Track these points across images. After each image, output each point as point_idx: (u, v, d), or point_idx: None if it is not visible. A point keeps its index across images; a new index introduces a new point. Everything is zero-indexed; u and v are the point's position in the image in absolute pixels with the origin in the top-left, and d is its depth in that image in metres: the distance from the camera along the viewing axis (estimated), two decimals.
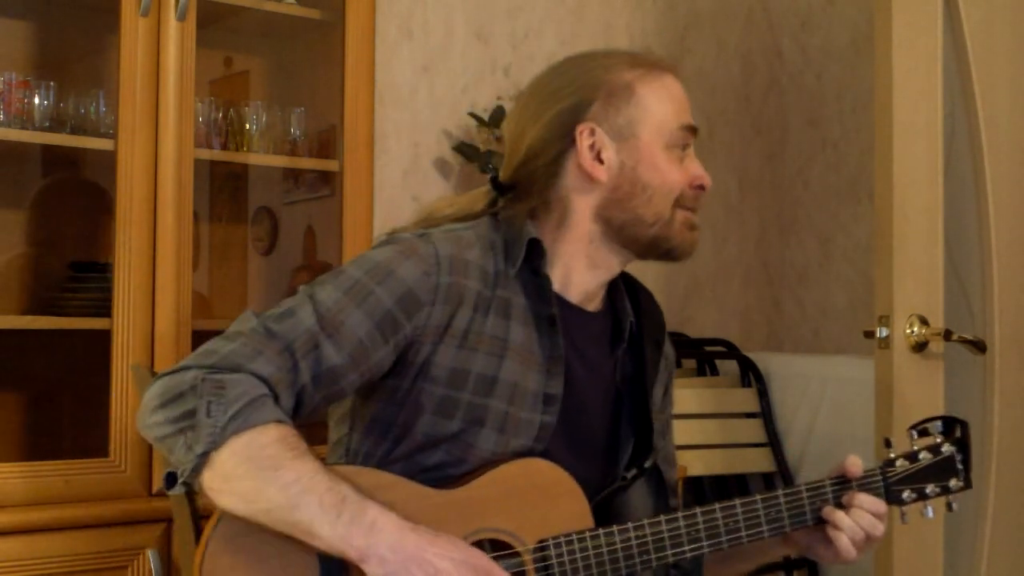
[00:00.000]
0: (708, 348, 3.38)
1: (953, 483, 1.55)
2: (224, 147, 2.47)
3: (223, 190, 2.67)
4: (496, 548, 1.40)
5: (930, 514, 1.55)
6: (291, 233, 2.71)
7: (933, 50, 2.43)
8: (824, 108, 3.47)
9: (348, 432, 1.50)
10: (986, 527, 2.55)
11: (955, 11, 2.53)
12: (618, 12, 3.34)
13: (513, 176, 1.54)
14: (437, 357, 1.42)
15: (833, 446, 3.04)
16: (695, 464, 3.05)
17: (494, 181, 1.56)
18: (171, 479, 1.30)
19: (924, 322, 2.36)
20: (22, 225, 2.43)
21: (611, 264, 1.54)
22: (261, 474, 1.26)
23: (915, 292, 2.37)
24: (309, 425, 1.41)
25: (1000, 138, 2.59)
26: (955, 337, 2.40)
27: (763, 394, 3.24)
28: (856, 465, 1.52)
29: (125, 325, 2.16)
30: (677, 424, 3.45)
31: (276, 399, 1.33)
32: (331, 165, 2.52)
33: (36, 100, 2.21)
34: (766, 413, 3.22)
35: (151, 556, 2.09)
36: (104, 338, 2.17)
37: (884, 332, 2.33)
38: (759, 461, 3.18)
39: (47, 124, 2.23)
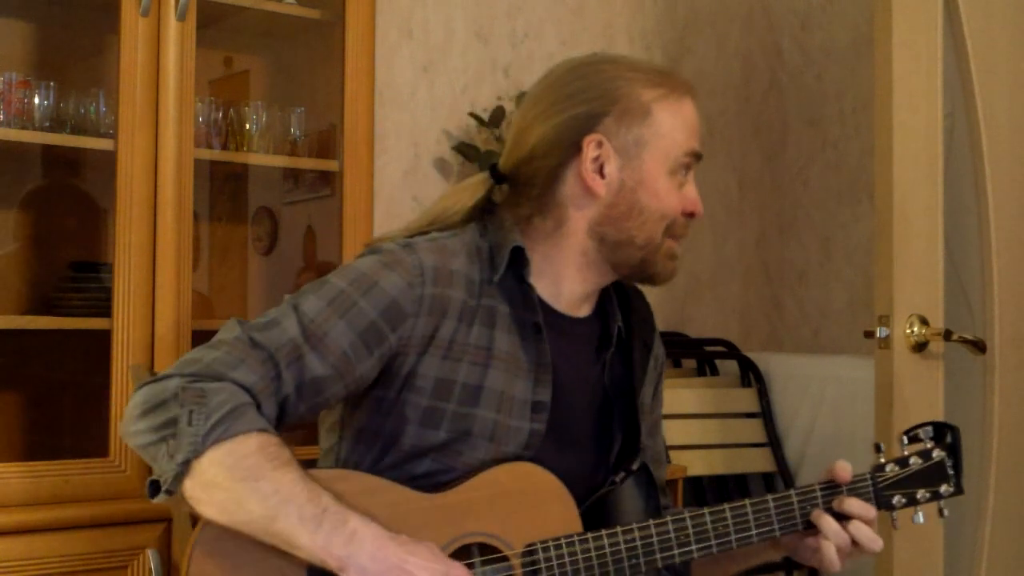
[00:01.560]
0: (708, 348, 3.38)
1: (944, 488, 1.55)
2: (224, 147, 2.47)
3: (223, 190, 2.67)
4: (483, 552, 1.39)
5: (920, 520, 1.55)
6: (291, 233, 2.71)
7: (933, 50, 2.43)
8: (824, 108, 3.47)
9: (338, 441, 1.50)
10: (986, 528, 2.55)
11: (955, 11, 2.53)
12: (618, 12, 3.34)
13: (513, 169, 1.52)
14: (422, 368, 1.42)
15: (833, 446, 3.03)
16: (695, 464, 3.04)
17: (493, 169, 1.54)
18: (155, 487, 1.31)
19: (924, 322, 2.36)
20: (22, 225, 2.43)
21: (601, 275, 1.53)
22: (241, 484, 1.27)
23: (915, 292, 2.37)
24: (300, 427, 1.40)
25: (1000, 138, 2.59)
26: (955, 337, 2.40)
27: (763, 394, 3.24)
28: (845, 470, 1.50)
29: (125, 325, 2.16)
30: (677, 424, 3.43)
31: (259, 407, 1.33)
32: (331, 165, 2.51)
33: (36, 100, 2.21)
34: (766, 413, 3.22)
35: (151, 556, 2.09)
36: (104, 338, 2.17)
37: (884, 332, 2.33)
38: (759, 461, 3.18)
39: (47, 124, 2.22)
